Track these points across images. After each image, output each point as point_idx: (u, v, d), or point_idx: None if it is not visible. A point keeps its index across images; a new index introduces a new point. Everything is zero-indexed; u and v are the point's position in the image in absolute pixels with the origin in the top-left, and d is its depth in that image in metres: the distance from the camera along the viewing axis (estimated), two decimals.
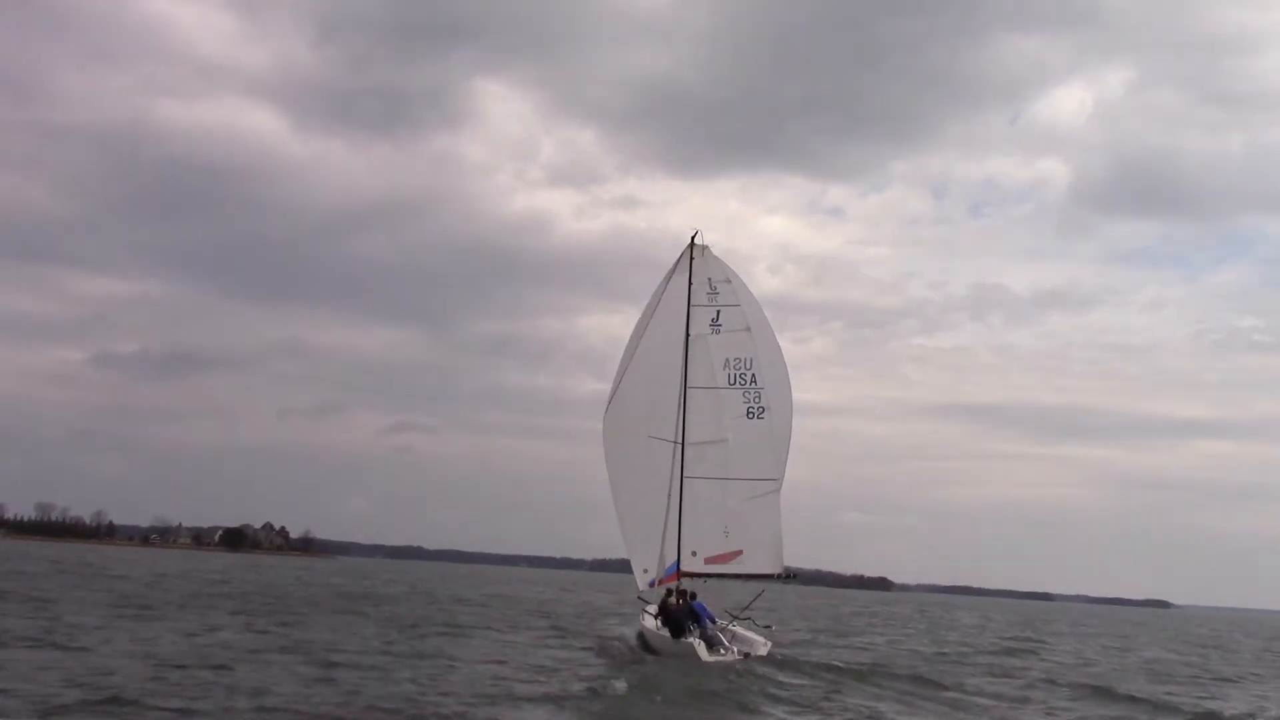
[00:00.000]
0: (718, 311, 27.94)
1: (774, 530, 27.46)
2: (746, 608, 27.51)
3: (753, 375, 27.68)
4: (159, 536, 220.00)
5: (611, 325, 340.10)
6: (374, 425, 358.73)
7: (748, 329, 27.82)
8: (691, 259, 28.12)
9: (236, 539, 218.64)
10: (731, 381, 27.73)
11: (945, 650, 35.36)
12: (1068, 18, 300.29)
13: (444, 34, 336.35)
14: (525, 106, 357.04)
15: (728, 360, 27.79)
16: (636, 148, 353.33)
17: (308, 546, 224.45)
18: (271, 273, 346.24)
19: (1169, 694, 24.90)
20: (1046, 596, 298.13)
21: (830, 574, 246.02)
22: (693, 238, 28.20)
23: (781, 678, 21.93)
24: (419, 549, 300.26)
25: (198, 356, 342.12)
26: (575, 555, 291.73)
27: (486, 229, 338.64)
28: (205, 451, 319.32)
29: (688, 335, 27.91)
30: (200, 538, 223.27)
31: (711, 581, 27.89)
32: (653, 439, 27.72)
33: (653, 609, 27.95)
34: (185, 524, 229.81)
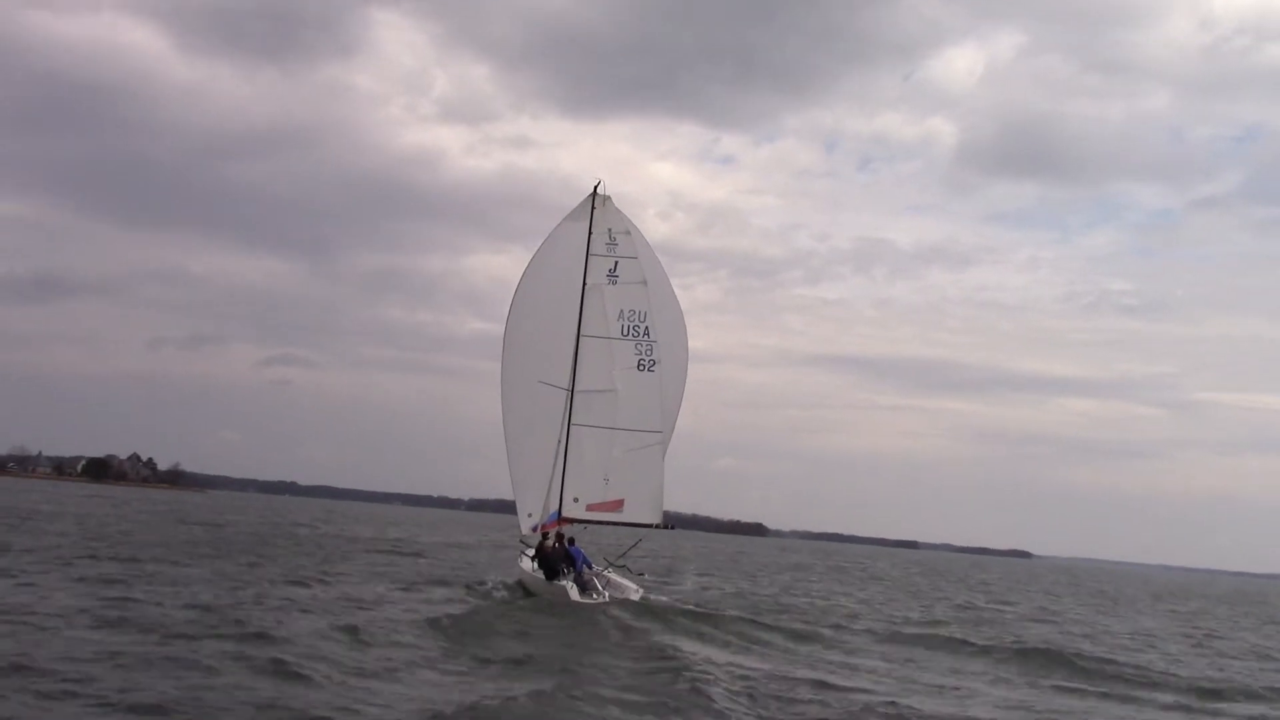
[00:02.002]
0: (615, 263, 28.11)
1: (656, 481, 27.93)
2: (623, 555, 28.00)
3: (646, 328, 27.97)
4: (16, 465, 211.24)
5: (497, 265, 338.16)
6: (251, 357, 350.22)
7: (644, 282, 28.07)
8: (593, 208, 28.18)
9: (100, 469, 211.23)
10: (625, 333, 27.98)
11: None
12: None
13: None
14: (420, 37, 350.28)
15: (622, 311, 28.00)
16: (531, 86, 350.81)
17: (176, 479, 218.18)
18: (149, 197, 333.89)
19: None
20: (913, 545, 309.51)
21: (707, 519, 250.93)
22: (595, 187, 28.27)
23: (632, 621, 22.38)
24: (292, 484, 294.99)
25: (67, 281, 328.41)
26: (452, 495, 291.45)
27: (375, 162, 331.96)
28: (72, 379, 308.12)
29: (585, 284, 28.04)
30: (62, 467, 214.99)
31: (595, 529, 28.33)
32: (544, 384, 27.92)
33: (531, 553, 28.28)
34: (46, 453, 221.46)
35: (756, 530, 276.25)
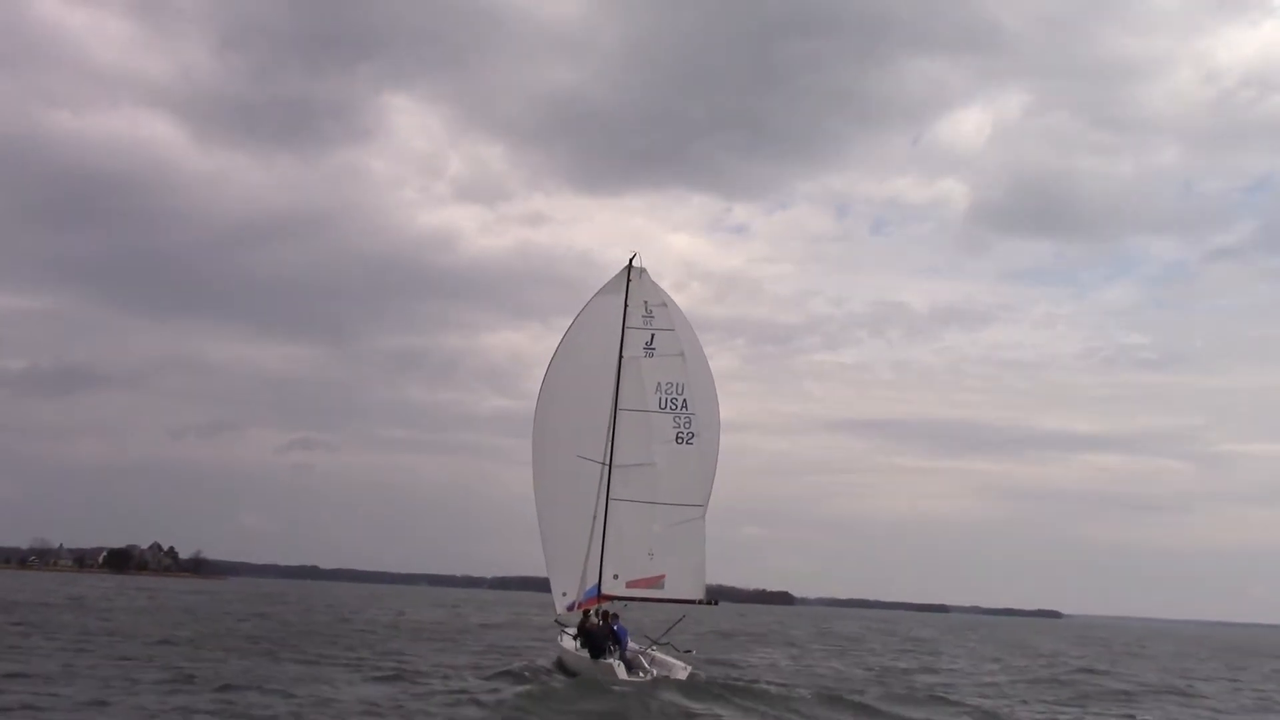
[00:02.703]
0: (652, 335, 28.00)
1: (697, 556, 27.42)
2: (667, 632, 27.38)
3: (684, 400, 27.75)
4: (38, 559, 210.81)
5: (515, 342, 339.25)
6: (271, 442, 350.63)
7: (681, 354, 27.92)
8: (629, 280, 28.17)
9: (122, 560, 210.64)
10: (663, 405, 27.76)
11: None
12: (968, 42, 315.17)
13: (352, 46, 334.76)
14: (433, 121, 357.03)
15: (660, 384, 27.82)
16: (545, 164, 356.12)
17: (198, 567, 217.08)
18: (168, 286, 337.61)
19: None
20: (943, 608, 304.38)
21: (732, 589, 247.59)
22: (630, 259, 28.27)
23: (684, 700, 21.67)
24: (314, 568, 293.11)
25: (89, 372, 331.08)
26: (476, 573, 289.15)
27: (391, 244, 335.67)
28: (93, 470, 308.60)
29: (621, 357, 27.91)
30: (83, 559, 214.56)
31: (633, 605, 27.78)
32: (581, 459, 27.62)
33: (571, 630, 27.71)
34: (67, 545, 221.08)
35: (783, 599, 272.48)
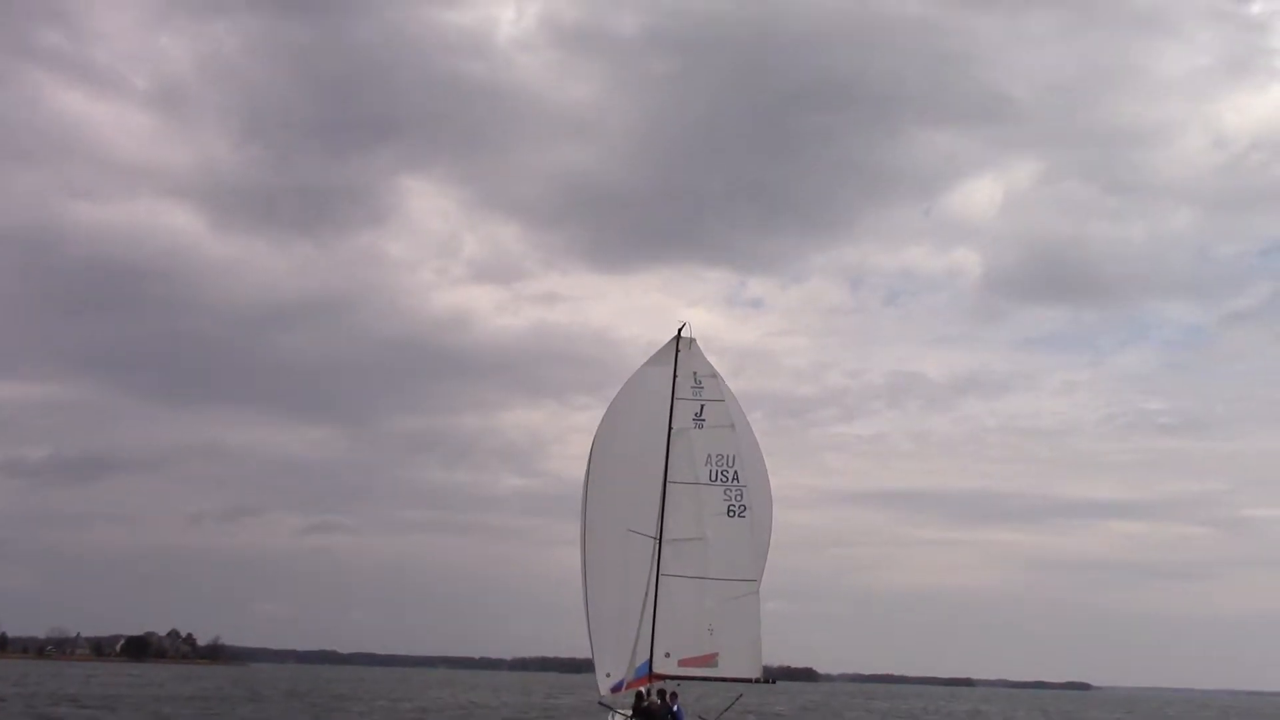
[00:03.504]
0: (701, 406, 27.68)
1: (752, 632, 26.79)
2: (724, 712, 26.58)
3: (735, 472, 27.32)
4: (55, 648, 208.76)
5: (532, 420, 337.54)
6: (290, 526, 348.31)
7: (731, 426, 27.57)
8: (677, 352, 27.92)
9: (140, 648, 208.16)
10: (713, 478, 27.33)
11: None
12: (979, 113, 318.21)
13: (368, 132, 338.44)
14: (449, 203, 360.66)
15: (710, 456, 27.43)
16: (559, 243, 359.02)
17: (216, 654, 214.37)
18: (187, 373, 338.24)
19: None
20: (969, 682, 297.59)
21: None
22: (679, 330, 28.06)
23: None
24: (332, 653, 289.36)
25: (109, 460, 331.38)
26: (494, 655, 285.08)
27: (408, 326, 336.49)
28: (112, 557, 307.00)
29: (671, 429, 27.54)
30: (101, 648, 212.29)
31: (684, 685, 27.03)
32: (632, 533, 27.10)
33: (624, 713, 26.90)
34: (85, 633, 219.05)
35: (807, 675, 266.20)
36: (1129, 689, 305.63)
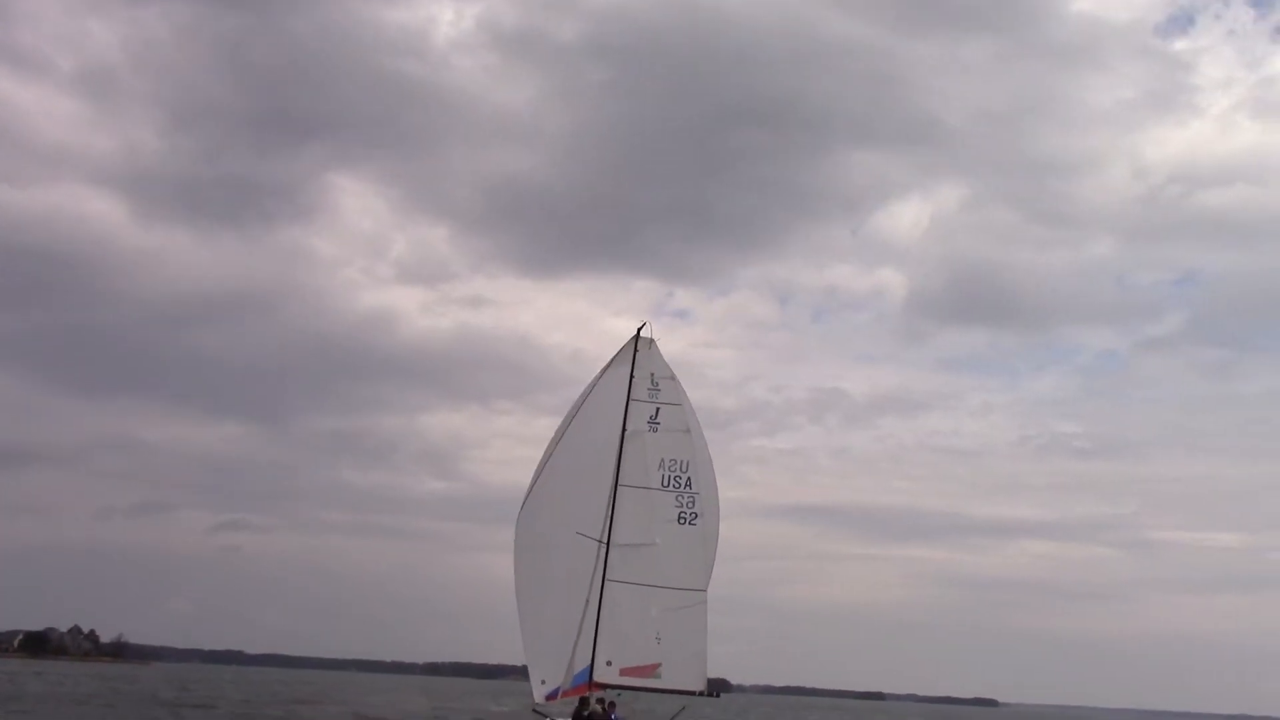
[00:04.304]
0: (657, 409, 26.94)
1: (698, 644, 26.06)
2: None
3: (688, 479, 26.63)
4: None
5: (454, 423, 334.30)
6: (201, 524, 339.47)
7: (687, 430, 26.88)
8: (635, 351, 27.15)
9: (38, 644, 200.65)
10: (666, 484, 26.60)
11: None
12: (908, 136, 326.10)
13: (300, 126, 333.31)
14: (378, 202, 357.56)
15: (663, 460, 26.69)
16: (488, 247, 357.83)
17: (119, 652, 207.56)
18: (102, 365, 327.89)
19: None
20: (879, 696, 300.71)
21: None
22: (639, 329, 27.33)
23: None
24: (239, 653, 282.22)
25: (16, 452, 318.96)
26: (407, 659, 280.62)
27: (331, 325, 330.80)
28: (15, 551, 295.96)
29: (625, 430, 26.76)
30: None
31: (626, 695, 26.20)
32: (580, 536, 26.24)
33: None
34: None
35: (721, 685, 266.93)
36: (1035, 706, 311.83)
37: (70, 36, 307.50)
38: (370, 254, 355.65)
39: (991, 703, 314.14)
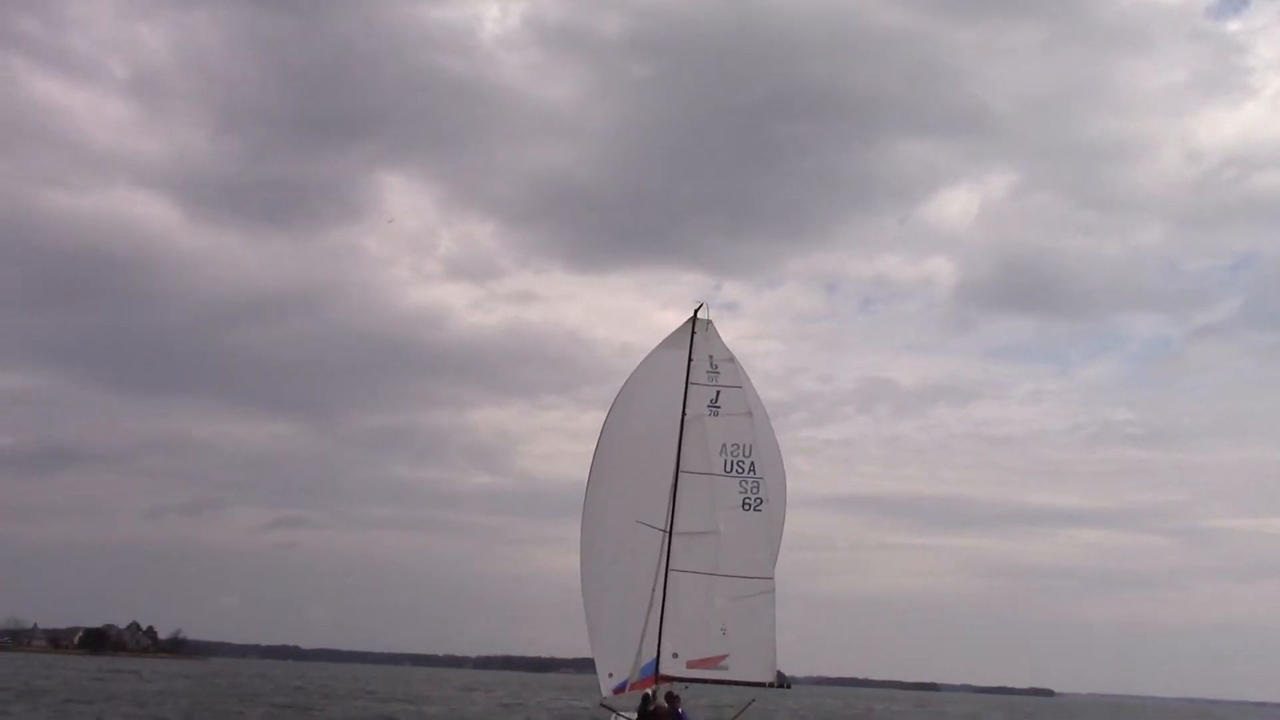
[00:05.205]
0: (717, 392, 26.06)
1: (766, 634, 25.21)
2: (736, 717, 24.99)
3: (751, 463, 25.73)
4: (10, 639, 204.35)
5: (502, 418, 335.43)
6: (254, 521, 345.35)
7: (749, 413, 25.98)
8: (693, 333, 26.29)
9: (98, 640, 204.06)
10: (728, 469, 25.73)
11: None
12: (956, 125, 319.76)
13: (345, 127, 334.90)
14: (425, 200, 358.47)
15: (725, 445, 25.81)
16: (535, 242, 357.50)
17: (177, 647, 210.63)
18: (155, 365, 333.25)
19: None
20: (933, 687, 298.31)
21: None
22: (696, 310, 26.43)
23: None
24: (294, 648, 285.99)
25: (72, 452, 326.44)
26: (459, 653, 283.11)
27: (380, 322, 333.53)
28: (72, 550, 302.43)
29: (684, 415, 25.93)
30: (58, 640, 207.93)
31: (694, 688, 25.45)
32: (641, 525, 25.48)
33: (629, 715, 25.31)
34: (42, 625, 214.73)
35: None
36: (1091, 695, 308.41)
37: (121, 41, 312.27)
38: (418, 251, 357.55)
39: (1048, 693, 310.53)
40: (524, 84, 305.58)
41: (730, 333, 26.32)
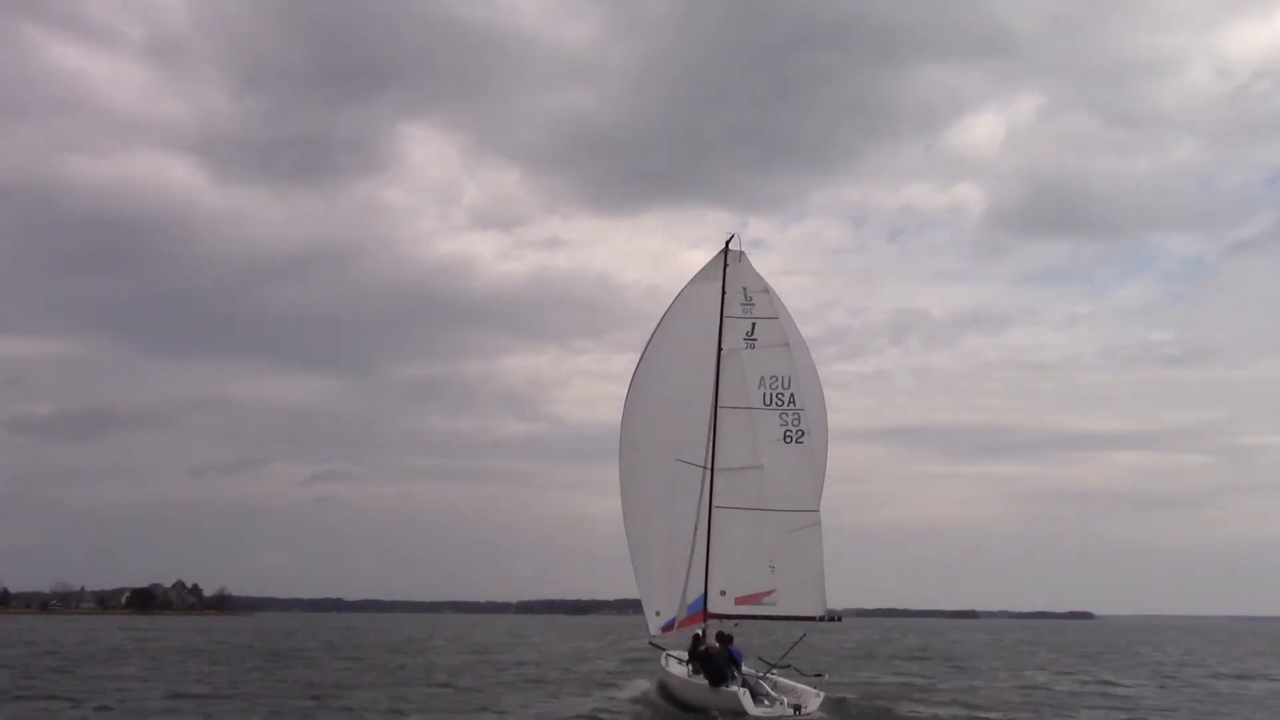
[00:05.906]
0: (753, 324, 25.33)
1: (815, 567, 24.68)
2: (787, 653, 24.63)
3: (791, 395, 25.07)
4: (59, 602, 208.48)
5: (535, 366, 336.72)
6: (294, 477, 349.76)
7: (786, 344, 25.26)
8: (725, 265, 25.54)
9: (145, 600, 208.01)
10: (768, 401, 25.09)
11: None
12: (979, 47, 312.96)
13: (366, 80, 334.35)
14: (448, 150, 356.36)
15: (763, 378, 25.14)
16: (560, 187, 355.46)
17: (222, 604, 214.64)
18: (190, 327, 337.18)
19: None
20: (973, 614, 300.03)
21: None
22: (727, 242, 25.66)
23: None
24: (338, 600, 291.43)
25: (114, 415, 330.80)
26: (500, 599, 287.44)
27: (409, 274, 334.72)
28: (116, 512, 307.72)
29: (720, 349, 25.27)
30: (105, 601, 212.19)
31: (743, 624, 25.05)
32: (680, 463, 24.97)
33: (679, 654, 25.03)
34: (90, 587, 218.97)
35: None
36: (1131, 617, 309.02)
37: (138, 5, 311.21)
38: (443, 202, 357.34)
39: (1088, 616, 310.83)
40: (543, 28, 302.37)
41: (759, 270, 25.49)
